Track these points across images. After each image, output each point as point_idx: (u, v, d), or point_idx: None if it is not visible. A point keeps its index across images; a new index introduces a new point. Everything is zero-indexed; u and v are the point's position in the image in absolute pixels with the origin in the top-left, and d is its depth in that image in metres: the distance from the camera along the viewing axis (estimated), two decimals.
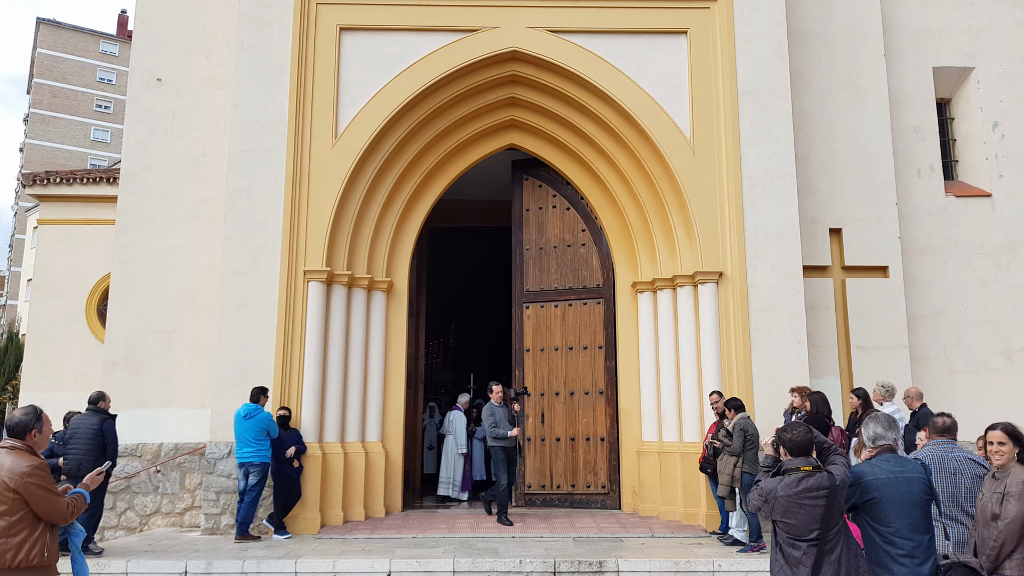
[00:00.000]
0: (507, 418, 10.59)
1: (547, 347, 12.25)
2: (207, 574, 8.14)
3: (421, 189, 11.86)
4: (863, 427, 4.87)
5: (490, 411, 10.63)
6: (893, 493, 4.47)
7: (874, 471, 4.57)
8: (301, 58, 10.94)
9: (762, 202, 10.79)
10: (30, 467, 4.36)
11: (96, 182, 13.97)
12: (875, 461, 4.66)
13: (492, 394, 10.78)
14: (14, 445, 4.47)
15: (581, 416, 12.00)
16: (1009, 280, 12.04)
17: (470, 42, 11.13)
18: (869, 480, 4.54)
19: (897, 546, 4.42)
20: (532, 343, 12.30)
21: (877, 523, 4.50)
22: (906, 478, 4.51)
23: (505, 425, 10.49)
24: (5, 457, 4.42)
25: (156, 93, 11.96)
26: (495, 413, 10.58)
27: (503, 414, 10.59)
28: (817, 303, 11.43)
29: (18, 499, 4.31)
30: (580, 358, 12.13)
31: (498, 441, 10.46)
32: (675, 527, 10.06)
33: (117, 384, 11.16)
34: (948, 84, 12.90)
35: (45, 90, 54.14)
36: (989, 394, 11.60)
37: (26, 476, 4.32)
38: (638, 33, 11.25)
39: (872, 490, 4.51)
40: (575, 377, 12.06)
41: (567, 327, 12.24)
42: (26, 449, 4.48)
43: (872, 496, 4.50)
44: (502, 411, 10.62)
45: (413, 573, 8.05)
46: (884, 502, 4.47)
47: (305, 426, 10.28)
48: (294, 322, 10.46)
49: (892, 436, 4.79)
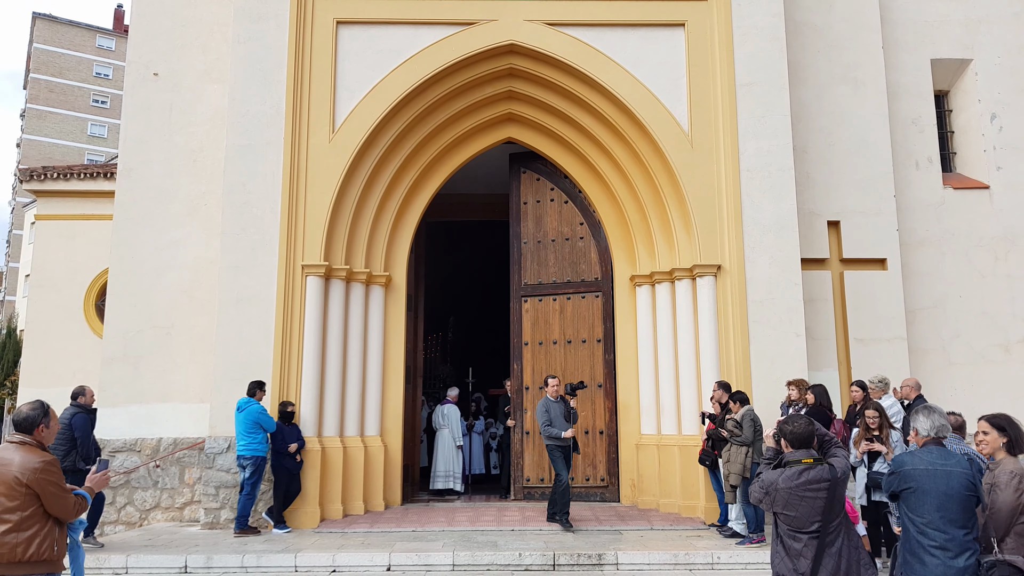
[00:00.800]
0: (563, 414, 9.82)
1: (545, 341, 12.26)
2: (207, 568, 8.16)
3: (419, 183, 11.85)
4: (913, 417, 4.84)
5: (545, 407, 9.82)
6: (930, 485, 4.46)
7: (914, 461, 4.57)
8: (298, 52, 10.91)
9: (760, 195, 10.79)
10: (42, 463, 4.36)
11: (93, 177, 13.94)
12: (918, 452, 4.65)
13: (548, 388, 10.01)
14: (23, 440, 4.47)
15: (580, 409, 12.00)
16: (1007, 272, 12.05)
17: (467, 35, 11.10)
18: (908, 470, 4.55)
19: (930, 537, 4.41)
20: (531, 337, 12.30)
21: (912, 512, 4.50)
22: (945, 471, 4.48)
23: (561, 423, 9.71)
24: (15, 452, 4.41)
25: (153, 88, 11.93)
26: (550, 409, 9.78)
27: (559, 410, 9.81)
28: (815, 296, 11.43)
29: (30, 494, 4.31)
30: (579, 352, 12.13)
31: (552, 440, 9.70)
32: (674, 519, 10.09)
33: (116, 379, 11.17)
34: (946, 76, 12.89)
35: (42, 85, 53.97)
36: (987, 386, 11.62)
37: (39, 472, 4.32)
38: (636, 26, 11.23)
39: (909, 480, 4.51)
40: (574, 371, 12.07)
41: (565, 321, 12.24)
42: (36, 444, 4.47)
43: (909, 485, 4.51)
44: (558, 407, 9.84)
45: (413, 566, 8.07)
46: (920, 492, 4.47)
47: (304, 420, 10.28)
48: (292, 316, 10.46)
49: (947, 430, 4.78)
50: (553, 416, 9.72)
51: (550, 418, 9.69)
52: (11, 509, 4.30)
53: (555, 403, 9.86)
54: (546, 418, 9.70)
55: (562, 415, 9.81)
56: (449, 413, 13.56)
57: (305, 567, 8.13)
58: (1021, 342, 11.88)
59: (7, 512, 4.30)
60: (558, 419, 9.74)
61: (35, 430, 4.50)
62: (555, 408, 9.80)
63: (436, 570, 8.04)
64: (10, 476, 4.32)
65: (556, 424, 9.68)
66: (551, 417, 9.70)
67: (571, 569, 8.00)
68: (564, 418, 9.81)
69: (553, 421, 9.69)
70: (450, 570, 8.04)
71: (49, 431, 4.57)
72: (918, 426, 4.75)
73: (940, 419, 4.74)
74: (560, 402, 9.92)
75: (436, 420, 13.70)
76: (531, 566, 8.05)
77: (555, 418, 9.72)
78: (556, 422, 9.70)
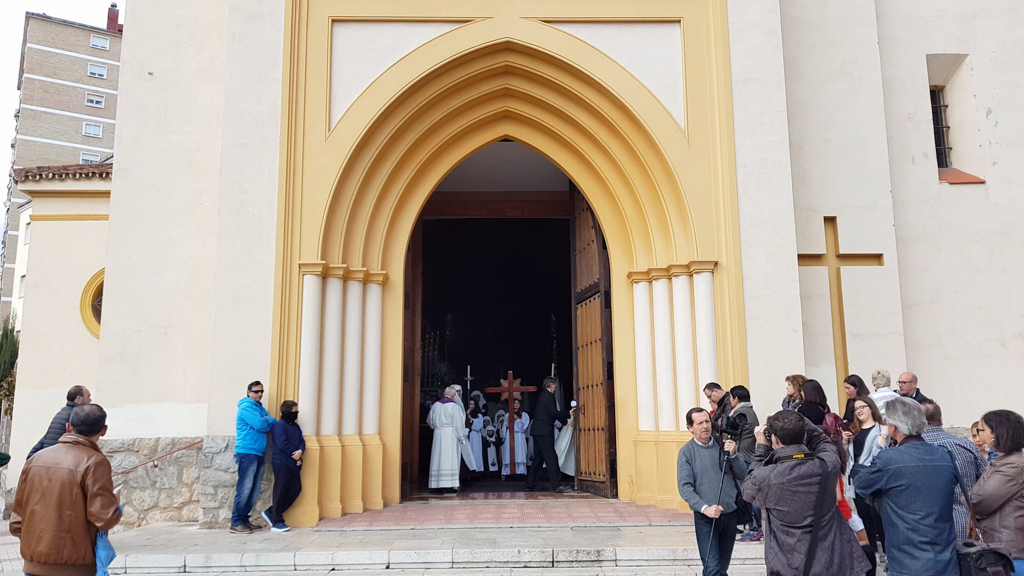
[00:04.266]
0: (716, 464, 6.43)
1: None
2: (206, 568, 8.15)
3: (416, 181, 11.83)
4: (889, 414, 4.81)
5: (686, 456, 6.44)
6: (922, 482, 4.46)
7: (903, 459, 4.55)
8: (293, 51, 10.88)
9: (757, 191, 10.80)
10: (95, 462, 4.39)
11: (89, 177, 13.91)
12: (904, 448, 4.63)
13: (693, 427, 6.63)
14: (77, 440, 4.48)
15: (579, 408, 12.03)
16: (1003, 267, 12.07)
17: (463, 33, 11.08)
18: (898, 467, 4.52)
19: (921, 533, 4.43)
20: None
21: (903, 510, 4.48)
22: (935, 467, 4.50)
23: (710, 483, 6.32)
24: (69, 452, 4.41)
25: (148, 87, 11.90)
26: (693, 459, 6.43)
27: (708, 460, 6.45)
28: (812, 291, 11.44)
29: (82, 494, 4.32)
30: (592, 351, 12.12)
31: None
32: (672, 516, 10.10)
33: (113, 379, 11.15)
34: (941, 71, 12.90)
35: (36, 85, 53.78)
36: (984, 380, 11.65)
37: (92, 470, 4.34)
38: (632, 22, 11.21)
39: (900, 477, 4.49)
40: (587, 371, 12.05)
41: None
42: (88, 445, 4.49)
43: (900, 483, 4.48)
44: (707, 455, 6.49)
45: (412, 564, 8.07)
46: (912, 490, 4.46)
47: (302, 419, 10.27)
48: (290, 315, 10.45)
49: (925, 426, 4.79)
50: (700, 469, 6.38)
51: (693, 473, 6.38)
52: (64, 507, 4.29)
53: (704, 449, 6.53)
54: (687, 473, 6.38)
55: (714, 466, 6.40)
56: (452, 411, 13.48)
57: (304, 566, 8.12)
58: (1017, 336, 11.91)
59: (58, 510, 4.29)
60: (707, 474, 6.37)
61: (97, 433, 4.52)
62: (702, 456, 6.47)
63: (435, 568, 8.04)
64: (65, 473, 4.32)
65: (702, 487, 6.32)
66: (695, 472, 6.39)
67: (570, 566, 8.00)
68: (715, 471, 6.37)
69: (699, 478, 6.36)
70: (449, 567, 8.04)
71: (103, 434, 4.60)
72: (897, 423, 4.73)
73: (919, 415, 4.74)
74: (712, 448, 6.55)
75: (433, 419, 13.58)
76: (530, 563, 8.05)
77: (703, 472, 6.38)
78: (704, 481, 6.34)
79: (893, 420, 4.76)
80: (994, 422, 4.93)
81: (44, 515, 4.30)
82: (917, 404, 4.88)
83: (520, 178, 14.76)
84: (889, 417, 4.81)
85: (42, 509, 4.31)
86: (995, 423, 4.92)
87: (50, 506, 4.30)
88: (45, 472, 4.36)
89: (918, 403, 4.92)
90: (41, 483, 4.34)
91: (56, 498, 4.30)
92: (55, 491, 4.30)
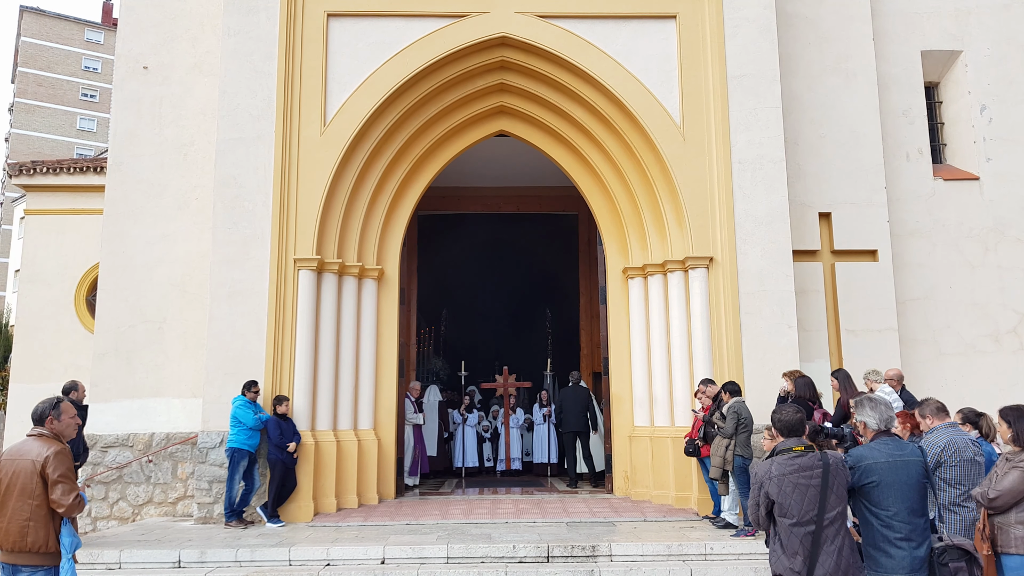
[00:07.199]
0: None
1: None
2: (201, 563, 8.15)
3: (411, 176, 11.81)
4: (858, 410, 4.80)
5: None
6: (892, 477, 4.45)
7: (873, 455, 4.54)
8: (288, 45, 10.85)
9: (752, 187, 10.81)
10: (54, 451, 4.61)
11: (83, 171, 13.84)
12: (874, 444, 4.63)
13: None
14: (40, 432, 4.74)
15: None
16: (997, 263, 12.10)
17: (459, 28, 11.06)
18: (869, 464, 4.51)
19: (895, 529, 4.42)
20: None
21: (876, 506, 4.47)
22: (905, 462, 4.50)
23: None
24: (33, 443, 4.69)
25: (142, 81, 11.85)
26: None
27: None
28: (807, 287, 11.46)
29: (42, 484, 4.56)
30: None
31: None
32: (667, 511, 10.12)
33: (108, 374, 11.13)
34: (936, 67, 12.92)
35: (30, 79, 53.53)
36: (978, 376, 11.68)
37: (50, 460, 4.56)
38: (627, 18, 11.20)
39: (872, 473, 4.48)
40: None
41: None
42: (51, 436, 4.73)
43: (871, 479, 4.47)
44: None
45: (407, 559, 8.08)
46: (884, 486, 4.45)
47: (297, 414, 10.27)
48: (285, 310, 10.43)
49: (893, 421, 4.79)
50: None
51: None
52: (26, 496, 4.54)
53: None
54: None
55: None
56: (407, 406, 13.12)
57: (299, 561, 8.12)
58: (1011, 332, 11.95)
59: (21, 499, 4.54)
60: None
61: (45, 421, 4.74)
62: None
63: (430, 563, 8.04)
64: (27, 464, 4.59)
65: None
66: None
67: (565, 561, 8.01)
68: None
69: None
70: (444, 563, 8.04)
71: (61, 423, 4.79)
72: (866, 419, 4.72)
73: (887, 410, 4.73)
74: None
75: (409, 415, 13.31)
76: (525, 558, 8.07)
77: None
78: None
79: (861, 416, 4.75)
80: (1011, 417, 4.86)
81: (9, 505, 4.57)
82: (886, 399, 4.88)
83: (516, 174, 14.75)
84: (858, 414, 4.80)
85: (7, 499, 4.58)
86: (1012, 418, 4.85)
87: (14, 496, 4.56)
88: (10, 464, 4.64)
89: (887, 399, 4.91)
90: (6, 475, 4.61)
91: (19, 488, 4.56)
92: (18, 482, 4.57)
